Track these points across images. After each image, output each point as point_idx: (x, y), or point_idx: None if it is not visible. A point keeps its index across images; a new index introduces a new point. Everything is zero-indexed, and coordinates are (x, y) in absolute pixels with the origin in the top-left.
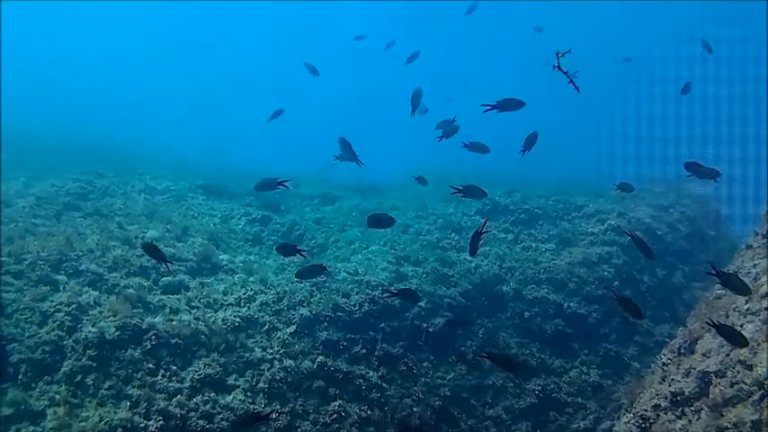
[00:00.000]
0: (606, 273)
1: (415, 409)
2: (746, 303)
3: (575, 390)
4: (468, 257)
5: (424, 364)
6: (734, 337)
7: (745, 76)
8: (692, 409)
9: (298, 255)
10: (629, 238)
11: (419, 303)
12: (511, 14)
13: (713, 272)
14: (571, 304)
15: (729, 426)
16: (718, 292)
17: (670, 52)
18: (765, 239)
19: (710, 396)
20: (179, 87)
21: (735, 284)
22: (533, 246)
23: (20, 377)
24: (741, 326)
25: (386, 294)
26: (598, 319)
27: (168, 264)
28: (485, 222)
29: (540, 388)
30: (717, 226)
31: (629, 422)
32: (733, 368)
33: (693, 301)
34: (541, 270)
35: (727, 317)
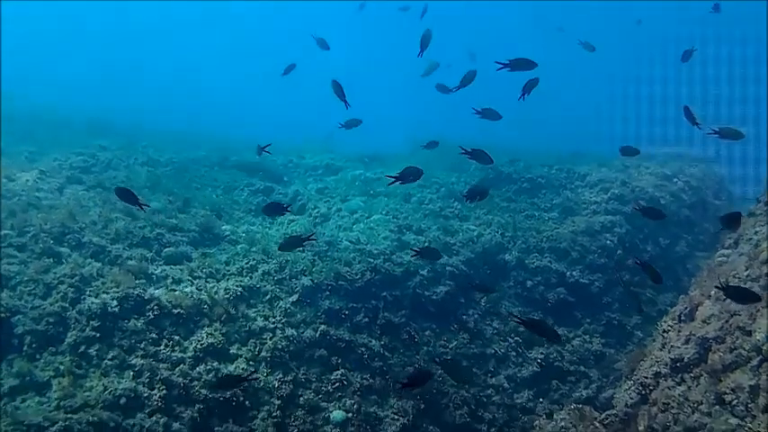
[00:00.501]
0: (609, 242)
1: None
2: (746, 270)
3: (577, 358)
4: (471, 226)
5: (426, 333)
6: (745, 296)
7: (746, 76)
8: (691, 375)
9: (285, 212)
10: (631, 206)
11: (421, 272)
12: None
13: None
14: (574, 273)
15: (728, 391)
16: (720, 259)
17: (670, 52)
18: (767, 206)
19: (709, 362)
20: (184, 61)
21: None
22: (536, 214)
23: (24, 348)
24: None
25: (411, 254)
26: (601, 288)
27: (143, 207)
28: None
29: (542, 356)
30: (721, 195)
31: (629, 389)
32: (732, 334)
33: (697, 271)
34: (544, 239)
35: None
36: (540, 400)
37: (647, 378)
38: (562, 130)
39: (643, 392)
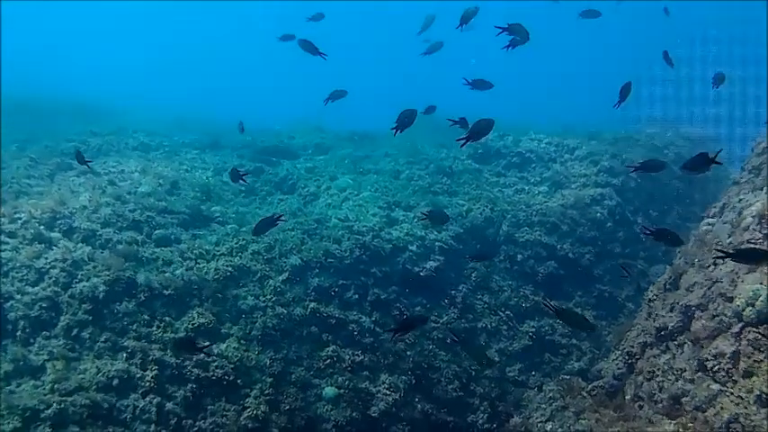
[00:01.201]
0: (599, 214)
1: (408, 353)
2: (729, 237)
3: (569, 331)
4: (461, 201)
5: (417, 308)
6: (753, 256)
7: (746, 76)
8: (675, 343)
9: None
10: (621, 178)
11: (410, 248)
12: None
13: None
14: (564, 246)
15: (709, 358)
16: (705, 228)
17: (669, 53)
18: (751, 174)
19: (692, 329)
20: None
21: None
22: (525, 188)
23: (18, 334)
24: (723, 261)
25: (419, 216)
26: (591, 261)
27: (88, 163)
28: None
29: (533, 330)
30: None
31: (616, 359)
32: (714, 301)
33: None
34: (534, 213)
35: (710, 251)
36: (533, 373)
37: (633, 347)
38: (557, 106)
39: (630, 362)
